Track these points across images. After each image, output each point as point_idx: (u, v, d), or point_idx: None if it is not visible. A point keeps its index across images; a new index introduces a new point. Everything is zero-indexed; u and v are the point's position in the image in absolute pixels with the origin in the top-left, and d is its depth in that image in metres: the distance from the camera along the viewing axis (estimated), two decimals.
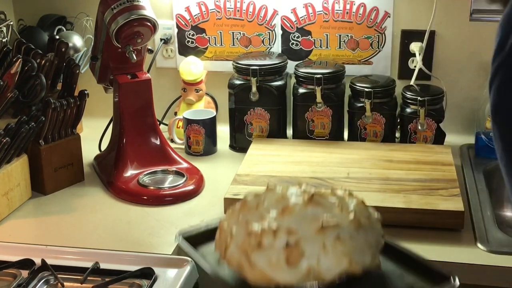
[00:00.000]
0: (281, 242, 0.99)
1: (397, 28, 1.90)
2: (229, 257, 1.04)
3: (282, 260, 0.98)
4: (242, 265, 1.01)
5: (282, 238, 0.99)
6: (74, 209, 1.58)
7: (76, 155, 1.69)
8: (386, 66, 1.93)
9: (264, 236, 0.99)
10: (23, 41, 1.70)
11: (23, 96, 1.59)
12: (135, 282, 1.23)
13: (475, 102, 1.85)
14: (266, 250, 0.99)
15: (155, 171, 1.69)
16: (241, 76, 1.84)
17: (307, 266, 0.98)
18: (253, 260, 0.99)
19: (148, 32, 1.61)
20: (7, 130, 1.50)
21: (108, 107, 1.77)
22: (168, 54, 2.05)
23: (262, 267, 0.99)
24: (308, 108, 1.80)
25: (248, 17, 1.96)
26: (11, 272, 1.26)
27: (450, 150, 1.71)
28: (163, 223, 1.50)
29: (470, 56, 1.88)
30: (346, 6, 1.89)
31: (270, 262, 0.99)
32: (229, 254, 1.04)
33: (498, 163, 0.85)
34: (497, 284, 1.30)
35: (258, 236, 1.00)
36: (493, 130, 0.83)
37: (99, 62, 1.71)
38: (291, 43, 1.96)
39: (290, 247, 0.98)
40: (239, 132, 1.87)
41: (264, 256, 0.99)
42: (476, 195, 1.57)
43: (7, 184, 1.53)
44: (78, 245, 1.40)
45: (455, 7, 1.84)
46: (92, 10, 1.94)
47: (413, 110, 1.77)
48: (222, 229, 1.09)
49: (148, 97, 1.72)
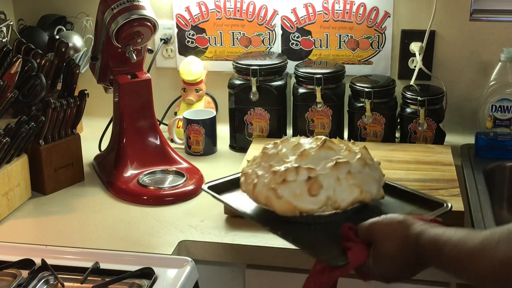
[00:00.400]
0: (303, 177, 1.17)
1: (397, 28, 1.90)
2: (257, 194, 1.21)
3: (305, 191, 1.16)
4: (270, 199, 1.18)
5: (303, 174, 1.17)
6: (74, 209, 1.58)
7: (76, 155, 1.69)
8: (386, 66, 1.93)
9: (288, 173, 1.18)
10: (23, 41, 1.70)
11: (23, 96, 1.59)
12: (135, 282, 1.23)
13: (475, 102, 1.85)
14: (291, 184, 1.17)
15: (155, 171, 1.69)
16: (241, 76, 1.84)
17: (325, 196, 1.16)
18: (280, 193, 1.17)
19: (148, 32, 1.61)
20: (7, 130, 1.50)
21: (108, 107, 1.77)
22: (168, 54, 2.05)
23: (288, 198, 1.17)
24: (308, 108, 1.80)
25: (248, 17, 1.96)
26: (11, 272, 1.26)
27: (450, 150, 1.71)
28: (163, 223, 1.50)
29: (470, 56, 1.88)
30: (346, 6, 1.89)
31: (294, 194, 1.16)
32: (257, 192, 1.21)
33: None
34: None
35: (283, 174, 1.18)
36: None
37: (99, 62, 1.71)
38: (291, 43, 1.96)
39: (311, 180, 1.16)
40: (239, 132, 1.87)
41: (289, 189, 1.17)
42: (476, 195, 1.57)
43: (7, 184, 1.53)
44: (78, 245, 1.40)
45: (455, 7, 1.85)
46: (92, 10, 1.94)
47: (413, 110, 1.77)
48: (246, 174, 1.26)
49: (148, 97, 1.72)
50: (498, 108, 1.75)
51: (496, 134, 1.75)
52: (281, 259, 1.38)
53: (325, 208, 1.17)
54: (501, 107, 1.75)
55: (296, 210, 1.17)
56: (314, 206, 1.16)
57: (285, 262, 1.38)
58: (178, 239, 1.42)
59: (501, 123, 1.76)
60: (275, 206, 1.18)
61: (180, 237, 1.43)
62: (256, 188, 1.22)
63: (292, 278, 1.40)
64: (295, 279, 1.40)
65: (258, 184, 1.22)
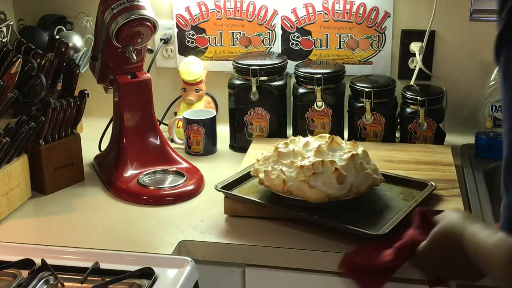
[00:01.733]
0: (330, 169, 1.37)
1: (397, 28, 1.90)
2: (289, 188, 1.39)
3: (333, 180, 1.37)
4: (303, 190, 1.37)
5: (329, 166, 1.38)
6: (74, 209, 1.58)
7: (76, 155, 1.69)
8: (386, 66, 1.93)
9: (315, 166, 1.38)
10: (23, 41, 1.70)
11: (23, 96, 1.59)
12: (135, 282, 1.23)
13: (475, 102, 1.85)
14: (320, 175, 1.37)
15: (155, 171, 1.69)
16: (241, 76, 1.84)
17: (350, 182, 1.38)
18: (312, 184, 1.37)
19: (148, 32, 1.61)
20: (7, 130, 1.50)
21: (108, 107, 1.77)
22: (168, 54, 2.05)
23: (320, 188, 1.37)
24: (308, 108, 1.80)
25: (248, 17, 1.96)
26: (11, 272, 1.26)
27: (450, 150, 1.71)
28: (163, 223, 1.50)
29: (470, 56, 1.88)
30: (346, 6, 1.89)
31: (325, 183, 1.37)
32: (289, 186, 1.39)
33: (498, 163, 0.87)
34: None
35: (311, 168, 1.38)
36: (502, 95, 0.88)
37: (99, 62, 1.71)
38: (291, 43, 1.96)
39: (337, 171, 1.37)
40: (239, 132, 1.87)
41: (320, 180, 1.37)
42: (476, 195, 1.57)
43: (7, 184, 1.53)
44: (78, 245, 1.40)
45: (455, 7, 1.85)
46: (92, 10, 1.94)
47: (413, 110, 1.77)
48: (268, 173, 1.43)
49: (148, 97, 1.72)
50: (498, 108, 1.75)
51: (496, 134, 1.75)
52: (281, 259, 1.38)
53: (348, 193, 1.38)
54: (501, 107, 1.75)
55: (328, 197, 1.37)
56: (341, 192, 1.37)
57: (285, 262, 1.38)
58: (178, 239, 1.42)
59: (501, 123, 1.76)
60: (308, 195, 1.37)
61: (180, 237, 1.43)
62: (287, 183, 1.39)
63: (292, 278, 1.40)
64: (295, 279, 1.40)
65: (287, 180, 1.39)
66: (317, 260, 1.36)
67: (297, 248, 1.37)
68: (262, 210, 1.46)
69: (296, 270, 1.39)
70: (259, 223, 1.46)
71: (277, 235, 1.42)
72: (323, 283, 1.40)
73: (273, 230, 1.44)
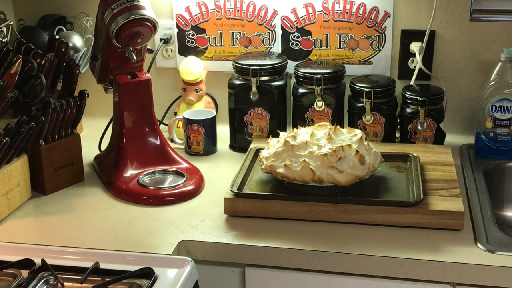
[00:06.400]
0: (351, 152, 1.47)
1: (397, 28, 1.90)
2: (320, 176, 1.45)
3: (357, 162, 1.46)
4: (333, 176, 1.45)
5: (348, 150, 1.47)
6: (74, 209, 1.58)
7: (76, 155, 1.69)
8: (386, 66, 1.93)
9: (338, 152, 1.46)
10: (23, 41, 1.70)
11: (23, 96, 1.59)
12: (135, 282, 1.23)
13: (475, 102, 1.85)
14: (345, 159, 1.46)
15: (155, 171, 1.69)
16: (241, 76, 1.84)
17: (368, 162, 1.48)
18: (340, 169, 1.45)
19: (148, 32, 1.61)
20: (7, 130, 1.50)
21: (108, 107, 1.77)
22: (168, 54, 2.05)
23: (347, 171, 1.45)
24: (308, 108, 1.81)
25: (248, 17, 1.96)
26: (11, 272, 1.26)
27: (450, 150, 1.71)
28: (163, 223, 1.50)
29: (470, 56, 1.88)
30: (346, 6, 1.89)
31: (350, 166, 1.46)
32: (319, 174, 1.45)
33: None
34: (497, 284, 1.30)
35: (334, 154, 1.46)
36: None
37: (99, 62, 1.71)
38: (291, 43, 1.96)
39: (358, 153, 1.46)
40: (239, 132, 1.87)
41: (346, 164, 1.46)
42: (476, 195, 1.57)
43: (7, 184, 1.53)
44: (78, 245, 1.40)
45: (455, 7, 1.85)
46: (92, 10, 1.94)
47: (413, 110, 1.77)
48: (290, 167, 1.46)
49: (148, 97, 1.72)
50: (498, 108, 1.75)
51: (496, 134, 1.75)
52: (281, 259, 1.38)
53: (369, 172, 1.48)
54: (501, 107, 1.75)
55: (356, 178, 1.46)
56: (364, 172, 1.47)
57: (285, 262, 1.38)
58: (178, 239, 1.42)
59: (501, 123, 1.76)
60: (339, 179, 1.45)
61: (180, 237, 1.43)
62: (316, 172, 1.45)
63: (292, 278, 1.40)
64: (295, 279, 1.40)
65: (314, 169, 1.45)
66: (317, 260, 1.36)
67: (297, 248, 1.37)
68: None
69: (296, 270, 1.40)
70: (259, 223, 1.47)
71: (277, 235, 1.42)
72: (323, 283, 1.40)
73: (273, 230, 1.44)
